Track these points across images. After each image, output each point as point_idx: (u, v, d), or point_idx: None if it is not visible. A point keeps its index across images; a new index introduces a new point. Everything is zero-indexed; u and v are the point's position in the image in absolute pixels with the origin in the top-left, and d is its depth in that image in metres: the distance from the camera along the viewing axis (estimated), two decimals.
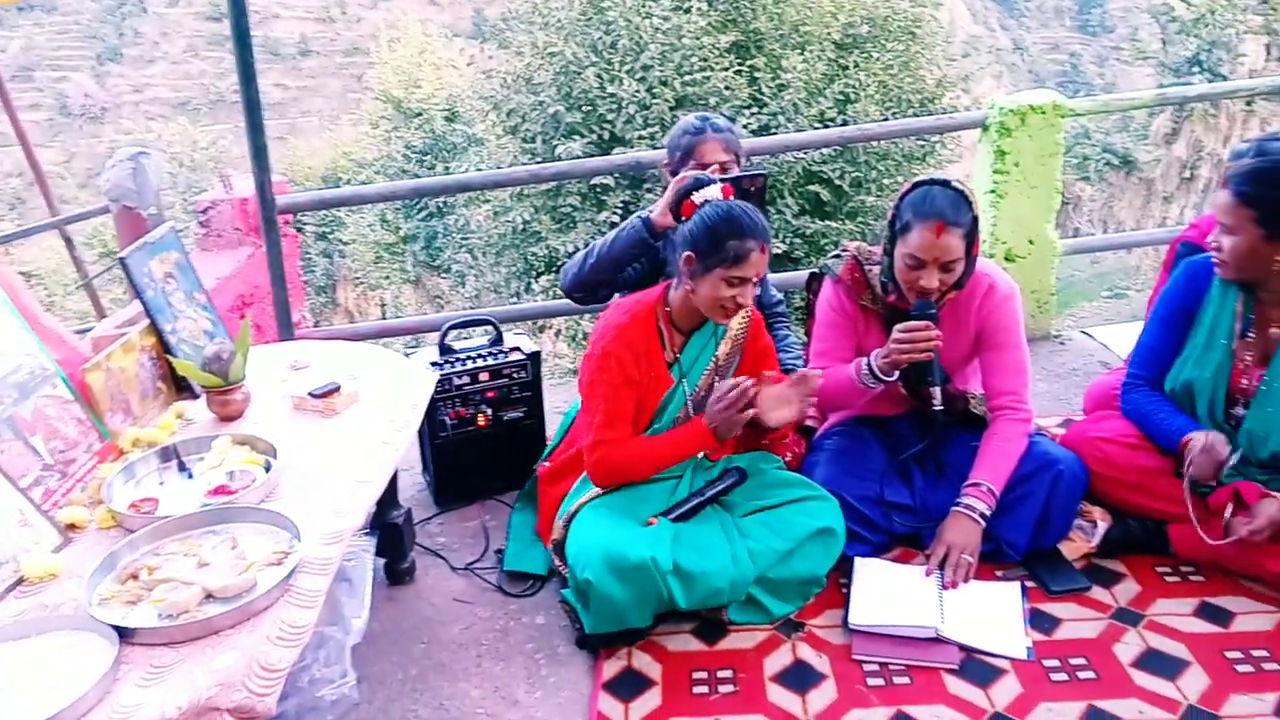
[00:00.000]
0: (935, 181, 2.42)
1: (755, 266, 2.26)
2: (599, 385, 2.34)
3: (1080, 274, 20.93)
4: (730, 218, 2.26)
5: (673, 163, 2.80)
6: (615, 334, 2.35)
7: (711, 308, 2.31)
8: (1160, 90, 4.10)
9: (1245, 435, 2.41)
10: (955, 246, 2.36)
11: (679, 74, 8.59)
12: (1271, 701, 2.03)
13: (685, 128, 2.78)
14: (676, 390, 2.42)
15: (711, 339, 2.45)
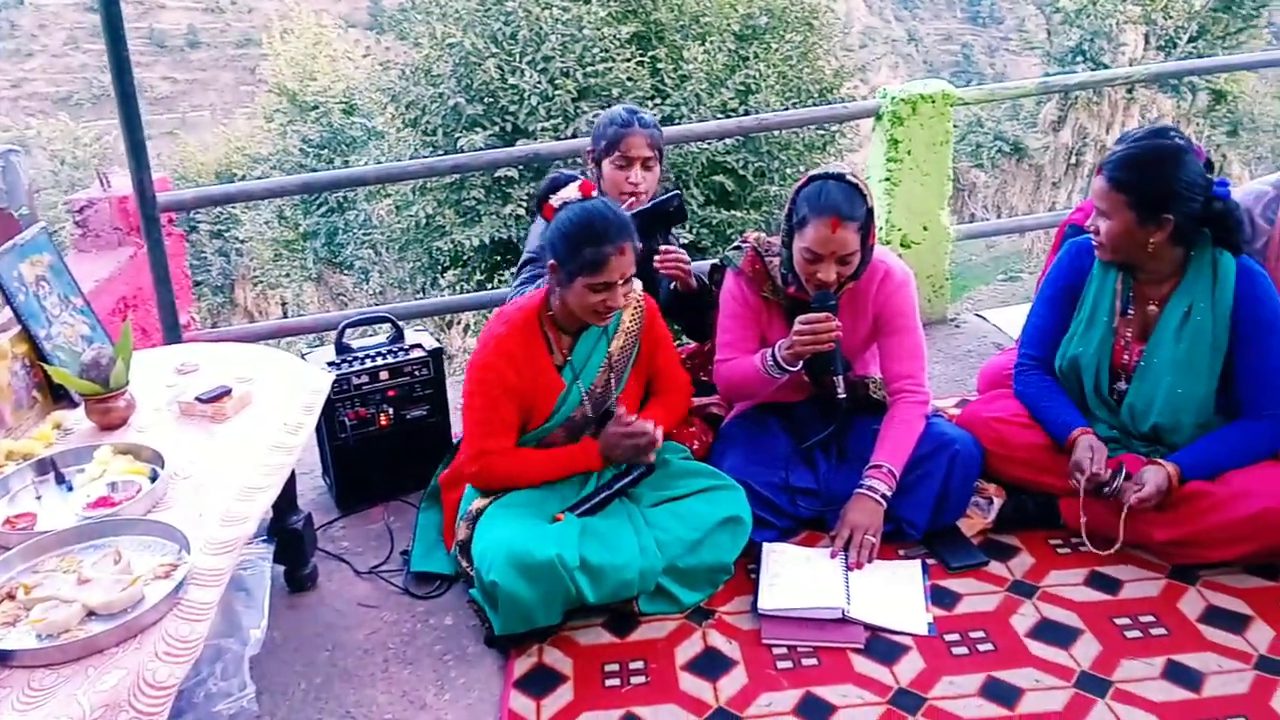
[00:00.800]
0: (830, 175, 2.45)
1: (617, 270, 2.23)
2: (477, 396, 2.33)
3: (976, 258, 21.60)
4: (584, 223, 2.23)
5: (596, 150, 2.80)
6: (493, 345, 2.32)
7: (584, 313, 2.30)
8: (1043, 80, 4.25)
9: (1127, 409, 2.51)
10: (851, 240, 2.40)
11: (581, 65, 8.55)
12: (1159, 665, 2.12)
13: (613, 118, 2.77)
14: (570, 392, 2.41)
15: (602, 336, 2.43)
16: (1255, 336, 2.37)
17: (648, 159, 2.75)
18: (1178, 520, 2.34)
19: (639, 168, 2.74)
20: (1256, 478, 2.31)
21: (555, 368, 2.40)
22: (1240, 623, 2.22)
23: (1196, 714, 1.98)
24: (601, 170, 2.79)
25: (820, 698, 2.08)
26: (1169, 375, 2.43)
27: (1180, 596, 2.31)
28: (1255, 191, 3.03)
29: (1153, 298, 2.49)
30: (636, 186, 2.75)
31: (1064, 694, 2.05)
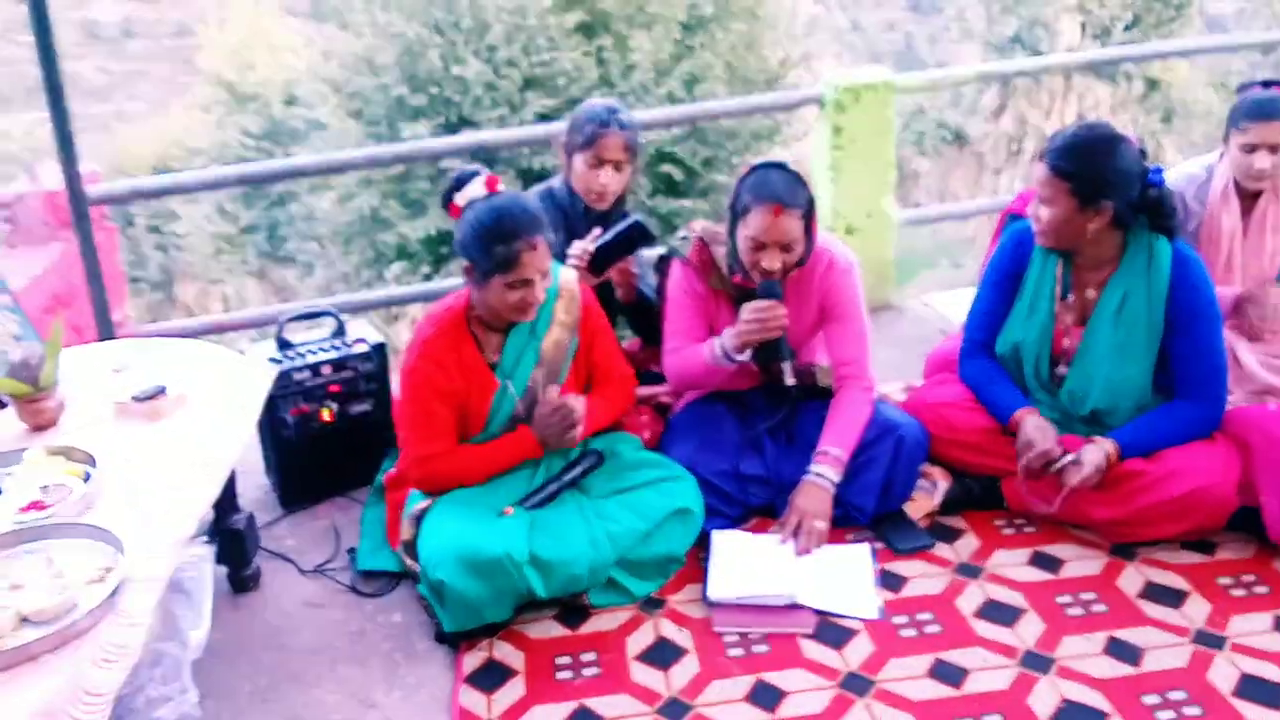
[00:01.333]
0: (772, 164, 2.46)
1: (532, 265, 2.20)
2: (411, 402, 2.30)
3: (922, 245, 21.85)
4: (492, 222, 2.19)
5: (571, 143, 2.75)
6: (421, 349, 2.29)
7: (504, 311, 2.27)
8: (981, 67, 4.29)
9: (1067, 393, 2.55)
10: (794, 227, 2.41)
11: (526, 54, 8.48)
12: (1100, 641, 2.16)
13: (591, 114, 2.73)
14: (505, 391, 2.38)
15: (532, 333, 2.40)
16: (1189, 322, 2.43)
17: (620, 161, 2.73)
18: (1115, 500, 2.39)
19: (610, 169, 2.72)
20: (1190, 458, 2.37)
21: (488, 367, 2.36)
22: (1178, 598, 2.28)
23: (1137, 688, 2.02)
24: (572, 163, 2.76)
25: (771, 684, 2.09)
26: (1107, 359, 2.47)
27: (1120, 574, 2.36)
28: (1187, 175, 3.10)
29: (1091, 283, 2.53)
30: (605, 188, 2.73)
31: (1009, 673, 2.08)
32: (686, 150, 8.92)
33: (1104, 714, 1.96)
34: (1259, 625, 2.18)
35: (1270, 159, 2.83)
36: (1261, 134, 2.80)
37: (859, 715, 2.00)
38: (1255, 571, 2.34)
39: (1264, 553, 2.39)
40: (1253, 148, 2.83)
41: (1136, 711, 1.97)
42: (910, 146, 18.87)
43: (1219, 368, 2.45)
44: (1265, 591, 2.28)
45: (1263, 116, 2.79)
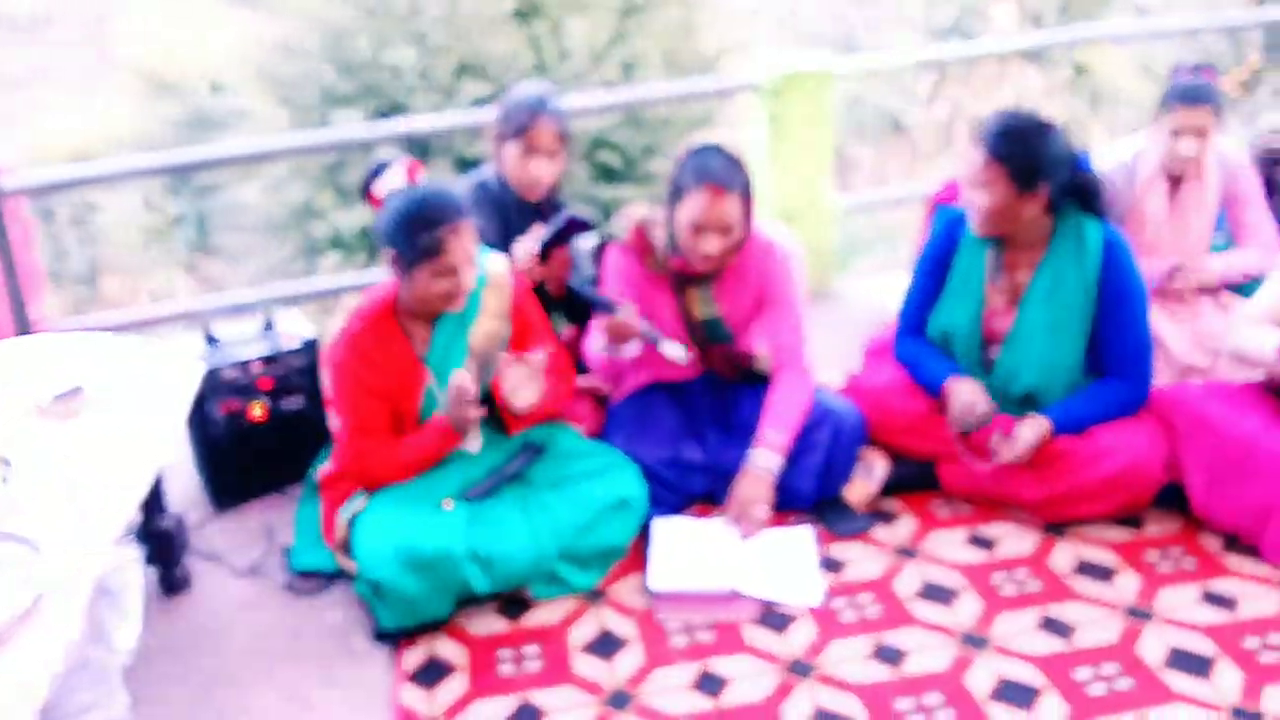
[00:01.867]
0: (710, 146, 2.45)
1: (458, 251, 2.17)
2: (340, 395, 2.25)
3: (862, 231, 22.10)
4: (415, 209, 2.15)
5: (502, 133, 2.70)
6: (346, 344, 2.24)
7: (433, 303, 2.23)
8: (918, 53, 4.33)
9: (1000, 375, 2.59)
10: (733, 210, 2.41)
11: (459, 39, 8.35)
12: (1034, 618, 2.20)
13: (522, 102, 2.68)
14: (436, 385, 2.33)
15: (460, 324, 2.35)
16: (1118, 303, 2.48)
17: (553, 150, 2.69)
18: (1046, 479, 2.44)
19: (543, 158, 2.68)
20: (1118, 436, 2.42)
21: (417, 360, 2.32)
22: (1107, 574, 2.33)
23: (1070, 663, 2.07)
24: (503, 152, 2.71)
25: (715, 672, 2.10)
26: (1039, 340, 2.51)
27: (1052, 551, 2.41)
28: (1115, 158, 3.17)
29: (1021, 266, 2.57)
30: (539, 178, 2.69)
31: (947, 652, 2.12)
32: (624, 137, 8.88)
33: (1038, 690, 2.01)
34: (1186, 598, 2.24)
35: (1195, 144, 2.90)
36: (1187, 119, 2.87)
37: (802, 699, 2.02)
38: (1181, 545, 2.41)
39: (1189, 527, 2.46)
40: (1178, 132, 2.90)
41: (1070, 686, 2.01)
42: (849, 133, 19.05)
43: (1147, 347, 2.51)
44: (1191, 565, 2.34)
45: (1188, 102, 2.86)
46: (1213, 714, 1.92)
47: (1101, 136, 16.15)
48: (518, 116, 2.65)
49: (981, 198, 2.45)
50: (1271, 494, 2.28)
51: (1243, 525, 2.36)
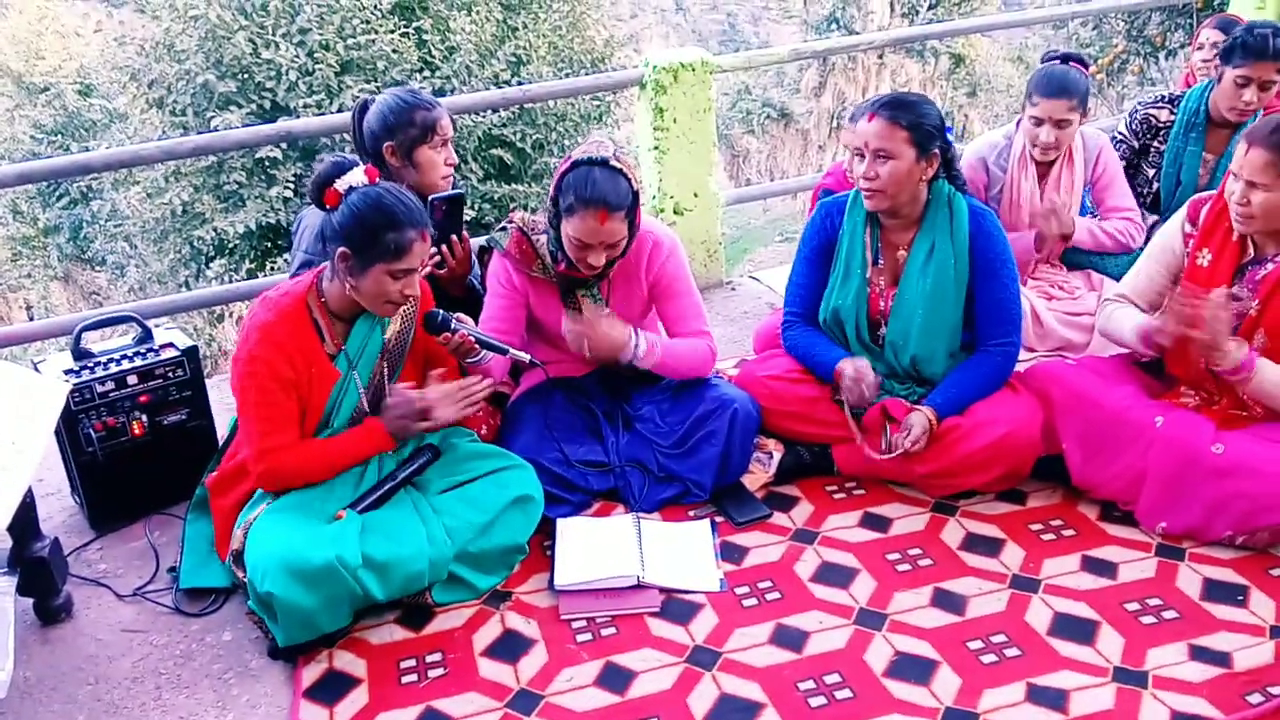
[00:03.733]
0: (594, 161, 2.41)
1: (418, 255, 2.16)
2: (250, 392, 2.17)
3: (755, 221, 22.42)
4: (383, 207, 2.12)
5: (406, 142, 2.59)
6: (261, 334, 2.17)
7: (376, 303, 2.20)
8: (793, 47, 4.41)
9: (888, 346, 2.67)
10: (619, 229, 2.41)
11: (341, 37, 8.13)
12: (927, 594, 2.27)
13: (410, 104, 2.58)
14: (347, 383, 2.29)
15: (377, 323, 2.33)
16: (989, 270, 2.59)
17: (451, 137, 2.67)
18: (934, 455, 2.52)
19: (450, 148, 2.66)
20: (995, 407, 2.53)
21: (328, 357, 2.27)
22: (995, 547, 2.42)
23: (962, 635, 2.14)
24: (414, 160, 2.61)
25: (620, 666, 2.10)
26: (920, 308, 2.60)
27: (942, 528, 2.49)
28: (990, 142, 3.29)
29: (900, 244, 2.65)
30: (453, 165, 2.67)
31: (845, 632, 2.16)
32: (516, 133, 8.81)
33: (934, 662, 2.07)
34: (1068, 566, 2.34)
35: (1054, 133, 3.04)
36: (1047, 109, 3.00)
37: (707, 688, 2.03)
38: (1062, 516, 2.51)
39: (1069, 498, 2.57)
40: (1039, 121, 3.03)
41: (962, 656, 2.08)
42: (738, 125, 19.29)
43: (1016, 315, 2.62)
44: (1072, 534, 2.45)
45: (1049, 93, 2.99)
46: (1097, 677, 2.01)
47: (980, 124, 16.75)
48: (420, 119, 2.58)
49: (884, 168, 2.50)
50: (1142, 461, 2.40)
51: (1118, 492, 2.47)
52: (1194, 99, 3.28)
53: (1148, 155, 3.39)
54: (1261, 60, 3.06)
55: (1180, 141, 3.29)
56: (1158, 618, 2.16)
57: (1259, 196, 2.28)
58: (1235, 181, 2.33)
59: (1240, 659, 2.03)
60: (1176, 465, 2.35)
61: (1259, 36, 3.04)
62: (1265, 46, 3.03)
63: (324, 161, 2.22)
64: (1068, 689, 1.98)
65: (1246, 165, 2.29)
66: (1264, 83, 3.09)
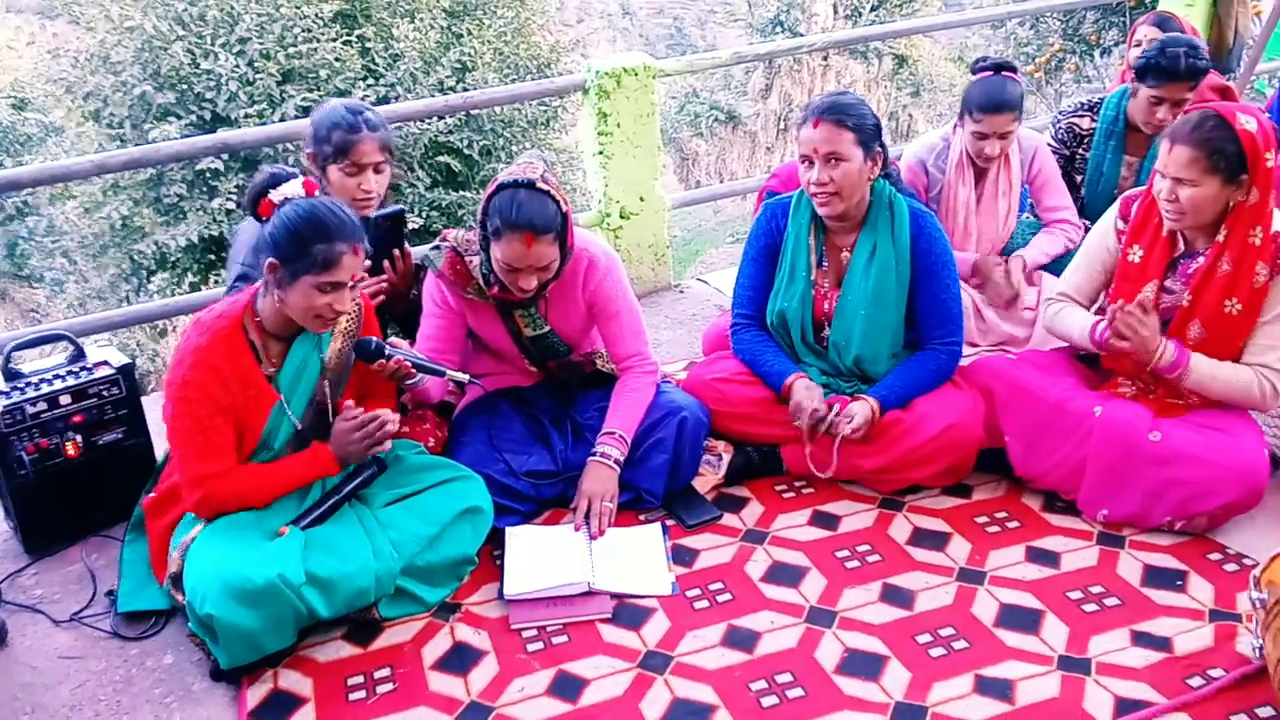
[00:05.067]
0: (520, 183, 2.36)
1: (349, 269, 2.11)
2: (184, 418, 2.11)
3: (706, 223, 22.53)
4: (315, 218, 2.09)
5: (321, 156, 2.56)
6: (194, 359, 2.11)
7: (305, 317, 2.15)
8: (736, 50, 4.43)
9: (832, 347, 2.69)
10: (548, 252, 2.37)
11: (282, 46, 8.02)
12: (876, 589, 2.29)
13: (337, 121, 2.54)
14: (285, 405, 2.24)
15: (316, 343, 2.28)
16: (930, 270, 2.62)
17: (379, 163, 2.59)
18: (880, 449, 2.55)
19: (371, 173, 2.58)
20: (937, 402, 2.57)
21: (266, 379, 2.21)
22: (941, 540, 2.44)
23: (911, 630, 2.15)
24: (328, 175, 2.58)
25: (572, 674, 2.09)
26: (863, 308, 2.62)
27: (890, 524, 2.51)
28: (928, 144, 3.32)
29: (843, 246, 2.68)
30: (369, 194, 2.59)
31: (796, 630, 2.17)
32: (463, 140, 8.75)
33: (883, 657, 2.08)
34: (1013, 557, 2.37)
35: (999, 144, 3.08)
36: (991, 125, 3.05)
37: (659, 692, 2.03)
38: (1006, 509, 2.55)
39: (1013, 490, 2.60)
40: (983, 135, 3.06)
41: (911, 651, 2.09)
42: (688, 128, 19.36)
43: (957, 314, 2.67)
44: (1016, 526, 2.48)
45: (992, 109, 3.02)
46: (1043, 666, 2.04)
47: (924, 123, 16.97)
48: (334, 138, 2.53)
49: (836, 172, 2.52)
50: (1082, 451, 2.44)
51: (1060, 482, 2.52)
52: (1112, 106, 3.34)
53: (1074, 163, 3.45)
54: (1174, 82, 3.12)
55: (1102, 148, 3.35)
56: (1100, 605, 2.19)
57: (1186, 192, 2.33)
58: (1162, 180, 2.38)
59: (1180, 643, 2.07)
60: (1116, 454, 2.39)
61: (1171, 57, 3.10)
62: (1176, 68, 3.09)
63: (262, 172, 2.18)
64: (1014, 679, 2.00)
65: (1171, 163, 2.34)
66: (1177, 102, 3.15)
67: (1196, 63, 3.08)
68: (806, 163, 2.57)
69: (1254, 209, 2.33)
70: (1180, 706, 1.90)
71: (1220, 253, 2.37)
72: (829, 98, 2.57)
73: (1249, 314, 2.38)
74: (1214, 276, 2.38)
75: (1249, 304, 2.37)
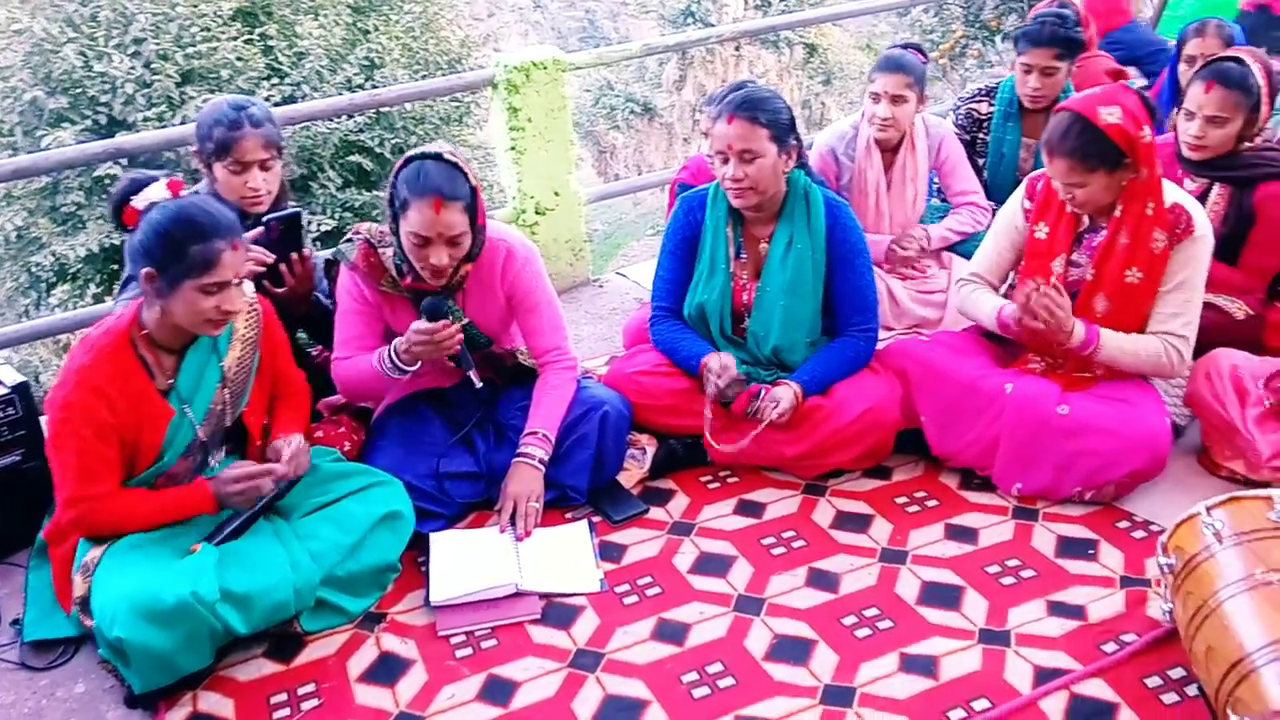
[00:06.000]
0: (427, 155, 2.35)
1: (231, 267, 2.04)
2: (66, 439, 2.03)
3: (627, 215, 22.54)
4: (185, 219, 2.01)
5: (205, 154, 2.51)
6: (78, 379, 2.02)
7: (194, 323, 2.07)
8: (644, 42, 4.43)
9: (751, 337, 2.71)
10: (457, 221, 2.34)
11: (179, 46, 7.75)
12: (802, 574, 2.31)
13: (219, 118, 2.48)
14: (182, 419, 2.16)
15: (213, 351, 2.20)
16: (845, 260, 2.66)
17: (265, 160, 2.53)
18: (801, 436, 2.58)
19: (257, 171, 2.51)
20: (856, 386, 2.61)
21: (159, 394, 2.13)
22: (864, 523, 2.48)
23: (837, 612, 2.18)
24: (214, 174, 2.53)
25: (503, 677, 2.07)
26: (781, 299, 2.65)
27: (814, 508, 2.54)
28: (838, 132, 3.37)
29: (761, 237, 2.70)
30: (257, 192, 2.53)
31: (725, 620, 2.18)
32: (374, 139, 8.58)
33: (811, 641, 2.10)
34: (933, 535, 2.42)
35: (890, 109, 3.14)
36: (883, 84, 3.13)
37: (590, 691, 2.02)
38: (925, 488, 2.60)
39: (931, 470, 2.66)
40: (877, 97, 3.14)
41: (838, 633, 2.12)
42: (604, 121, 19.32)
43: (873, 302, 2.71)
44: (935, 504, 2.53)
45: (884, 68, 3.12)
46: (964, 640, 2.08)
47: (836, 111, 17.23)
48: (216, 134, 2.48)
49: (749, 168, 2.53)
50: (995, 427, 2.50)
51: (975, 459, 2.58)
52: (1007, 89, 3.43)
53: (976, 146, 3.53)
54: (1038, 47, 3.22)
55: (1000, 130, 3.45)
56: (1017, 578, 2.25)
57: (1080, 192, 2.43)
58: (1055, 181, 2.47)
59: (1094, 610, 2.14)
60: (1027, 428, 2.46)
61: (1037, 23, 3.21)
62: (1040, 34, 3.19)
63: (121, 179, 2.10)
64: (937, 655, 2.04)
65: (1056, 173, 2.43)
66: (1044, 69, 3.25)
67: (1060, 30, 3.19)
68: (721, 158, 2.58)
69: (1145, 184, 2.42)
70: (1096, 672, 1.96)
71: (1119, 227, 2.46)
72: (742, 92, 2.57)
73: (1150, 283, 2.47)
74: (1114, 249, 2.47)
75: (1149, 273, 2.46)
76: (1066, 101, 2.46)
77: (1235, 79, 2.73)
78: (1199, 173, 2.87)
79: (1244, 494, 1.92)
